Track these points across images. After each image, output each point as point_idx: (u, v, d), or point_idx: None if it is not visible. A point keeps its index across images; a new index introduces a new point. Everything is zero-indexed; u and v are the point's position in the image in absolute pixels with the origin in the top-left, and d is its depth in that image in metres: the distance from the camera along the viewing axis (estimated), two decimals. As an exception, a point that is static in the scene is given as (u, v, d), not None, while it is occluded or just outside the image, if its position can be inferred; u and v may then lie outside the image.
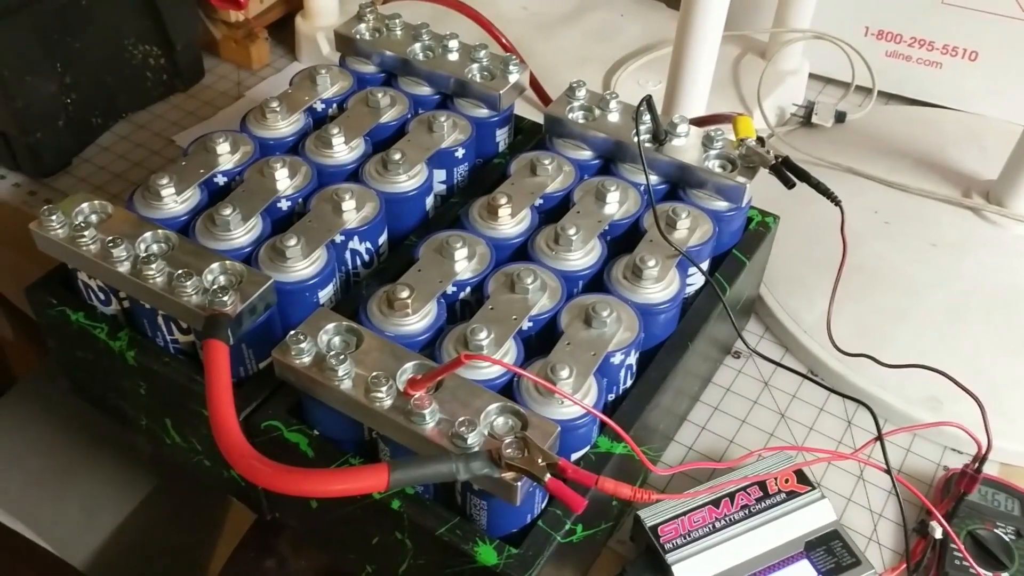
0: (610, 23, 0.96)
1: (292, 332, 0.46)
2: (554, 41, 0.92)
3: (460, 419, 0.42)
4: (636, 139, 0.58)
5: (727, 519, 0.53)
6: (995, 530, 0.55)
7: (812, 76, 0.91)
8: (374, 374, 0.44)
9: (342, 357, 0.45)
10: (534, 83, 0.82)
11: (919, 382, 0.59)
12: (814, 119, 0.83)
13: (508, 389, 0.47)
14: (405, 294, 0.49)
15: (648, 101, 0.57)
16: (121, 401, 0.58)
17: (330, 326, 0.47)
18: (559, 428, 0.43)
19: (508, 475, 0.41)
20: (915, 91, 0.89)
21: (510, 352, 0.49)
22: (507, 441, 0.41)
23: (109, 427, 0.62)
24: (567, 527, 0.45)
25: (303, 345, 0.45)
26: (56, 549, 0.62)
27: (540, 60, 0.87)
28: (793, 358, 0.67)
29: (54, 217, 0.51)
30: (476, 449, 0.42)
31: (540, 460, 0.40)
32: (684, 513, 0.53)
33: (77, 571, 0.60)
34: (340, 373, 0.44)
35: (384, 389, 0.44)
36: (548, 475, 0.40)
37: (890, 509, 0.58)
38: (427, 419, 0.43)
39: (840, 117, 0.84)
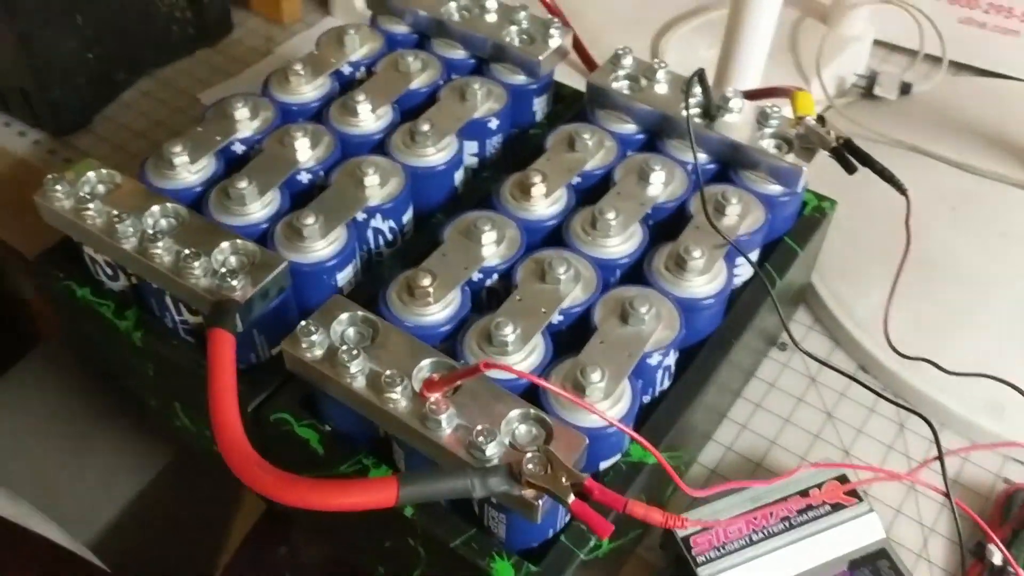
0: (661, -19, 0.90)
1: (303, 323, 0.42)
2: (601, 1, 0.87)
3: (479, 427, 0.39)
4: (685, 113, 0.53)
5: (765, 531, 0.49)
6: (1062, 556, 0.50)
7: (876, 43, 0.84)
8: (388, 372, 0.40)
9: (355, 352, 0.41)
10: (578, 47, 0.77)
11: (981, 385, 0.54)
12: (876, 90, 0.77)
13: (535, 388, 0.43)
14: (427, 281, 0.46)
15: (701, 75, 0.52)
16: (130, 380, 0.55)
17: (344, 316, 0.44)
18: (587, 441, 0.39)
19: (528, 493, 0.37)
20: (989, 62, 0.83)
21: (537, 349, 0.45)
22: (528, 456, 0.37)
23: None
24: (591, 543, 0.42)
25: (315, 337, 0.42)
26: (68, 522, 0.60)
27: (586, 21, 0.81)
28: (843, 352, 0.63)
29: (59, 187, 0.49)
30: (495, 462, 0.38)
31: (564, 479, 0.37)
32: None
33: (79, 558, 0.57)
34: (352, 369, 0.41)
35: (399, 390, 0.40)
36: (572, 496, 0.37)
37: (943, 524, 0.54)
38: (443, 425, 0.39)
39: (905, 89, 0.78)
